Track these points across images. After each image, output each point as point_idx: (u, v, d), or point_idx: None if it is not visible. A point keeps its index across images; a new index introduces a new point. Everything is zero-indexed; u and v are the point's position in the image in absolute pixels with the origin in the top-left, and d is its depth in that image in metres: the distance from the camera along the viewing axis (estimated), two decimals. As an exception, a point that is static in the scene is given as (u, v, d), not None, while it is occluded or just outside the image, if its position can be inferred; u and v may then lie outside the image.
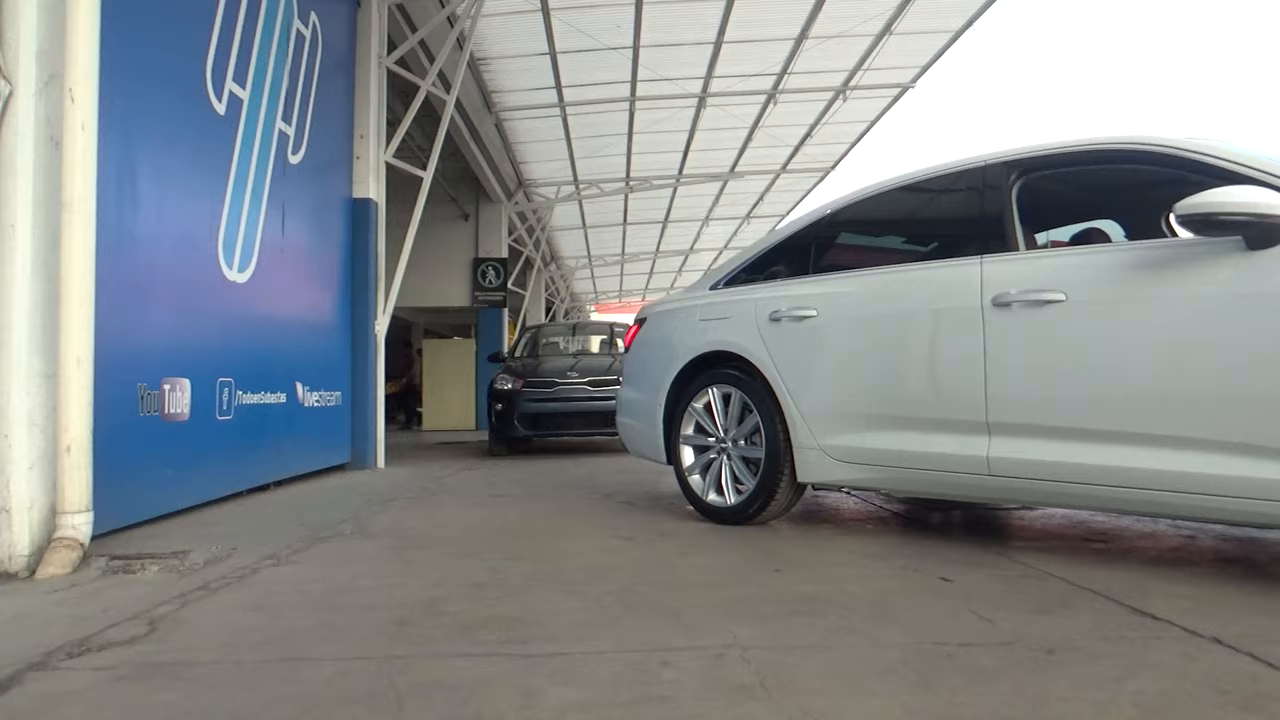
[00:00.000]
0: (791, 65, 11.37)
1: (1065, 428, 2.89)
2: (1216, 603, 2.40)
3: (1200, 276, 2.62)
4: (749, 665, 1.96)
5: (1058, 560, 3.03)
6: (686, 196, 17.94)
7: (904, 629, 2.22)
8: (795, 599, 2.57)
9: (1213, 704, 1.67)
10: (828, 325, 3.68)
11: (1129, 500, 2.80)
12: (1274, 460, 2.42)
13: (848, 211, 4.00)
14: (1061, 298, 2.91)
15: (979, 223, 3.32)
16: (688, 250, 23.90)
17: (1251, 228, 2.47)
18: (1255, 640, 2.03)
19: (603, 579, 2.91)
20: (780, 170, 16.07)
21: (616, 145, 14.16)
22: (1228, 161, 2.70)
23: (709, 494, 4.09)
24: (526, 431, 8.94)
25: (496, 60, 10.90)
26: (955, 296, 3.23)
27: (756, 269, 4.24)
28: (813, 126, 13.81)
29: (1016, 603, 2.47)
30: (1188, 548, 3.22)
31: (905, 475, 3.41)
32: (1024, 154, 3.30)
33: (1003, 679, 1.83)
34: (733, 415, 4.01)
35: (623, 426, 4.84)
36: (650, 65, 11.08)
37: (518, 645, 2.15)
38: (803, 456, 3.71)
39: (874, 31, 10.51)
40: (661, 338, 4.53)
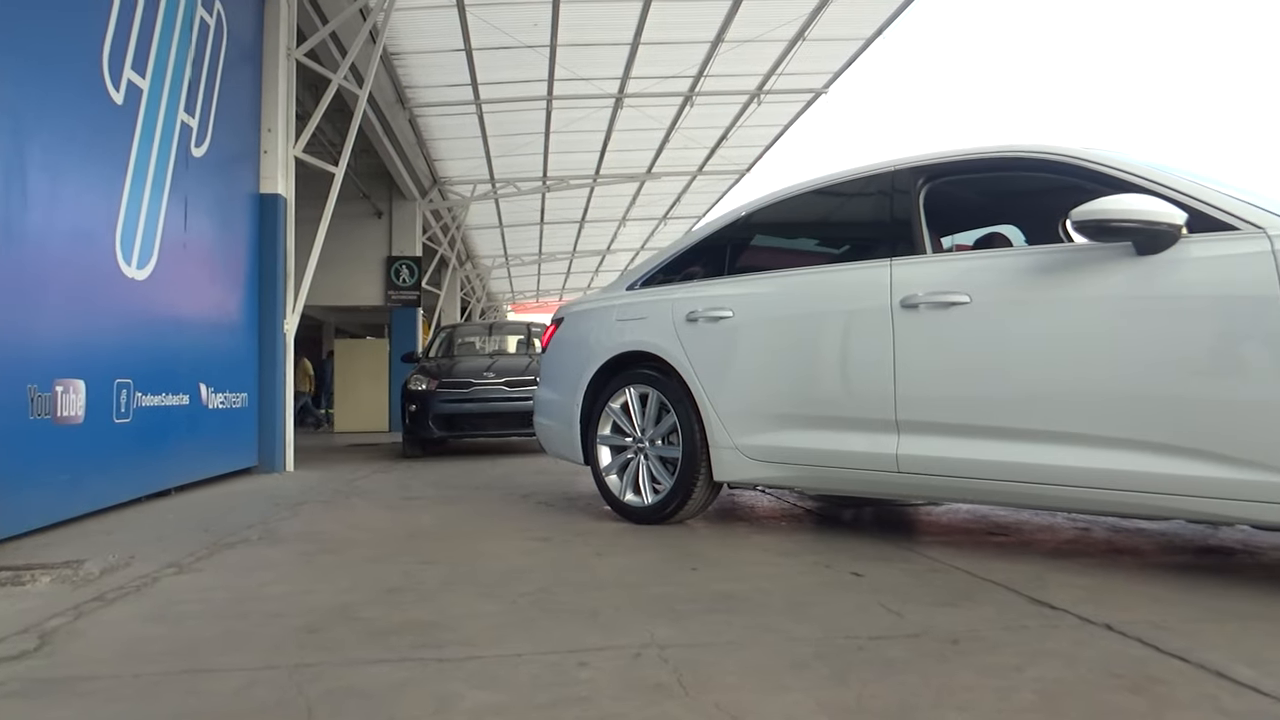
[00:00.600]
0: (708, 68, 11.48)
1: (969, 425, 2.98)
2: (1108, 591, 2.51)
3: (1094, 280, 2.74)
4: (666, 664, 1.97)
5: (963, 554, 3.13)
6: (604, 196, 17.94)
7: (817, 624, 2.27)
8: (712, 597, 2.60)
9: (1105, 688, 1.75)
10: (743, 326, 3.73)
11: (1029, 495, 2.91)
12: (1161, 455, 2.55)
13: (762, 214, 4.06)
14: (966, 300, 3.01)
15: (888, 226, 3.41)
16: (605, 250, 23.92)
17: (1140, 234, 2.60)
18: (1143, 626, 2.14)
19: (519, 581, 2.89)
20: (697, 172, 16.21)
21: (533, 144, 14.07)
22: (1120, 171, 2.83)
23: (626, 494, 4.10)
24: (441, 433, 8.82)
25: (411, 55, 10.72)
26: (866, 298, 3.30)
27: (673, 270, 4.26)
28: (728, 129, 13.97)
29: (924, 596, 2.54)
30: (1082, 540, 3.37)
31: (818, 473, 3.48)
32: (931, 160, 3.40)
33: (911, 670, 1.89)
34: (650, 415, 4.03)
35: (540, 427, 4.82)
36: (567, 64, 11.05)
37: (433, 650, 2.12)
38: (719, 456, 3.75)
39: (788, 37, 10.69)
40: (579, 338, 4.52)
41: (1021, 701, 1.69)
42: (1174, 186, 2.68)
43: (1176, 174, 2.75)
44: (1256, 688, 1.71)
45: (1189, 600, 2.41)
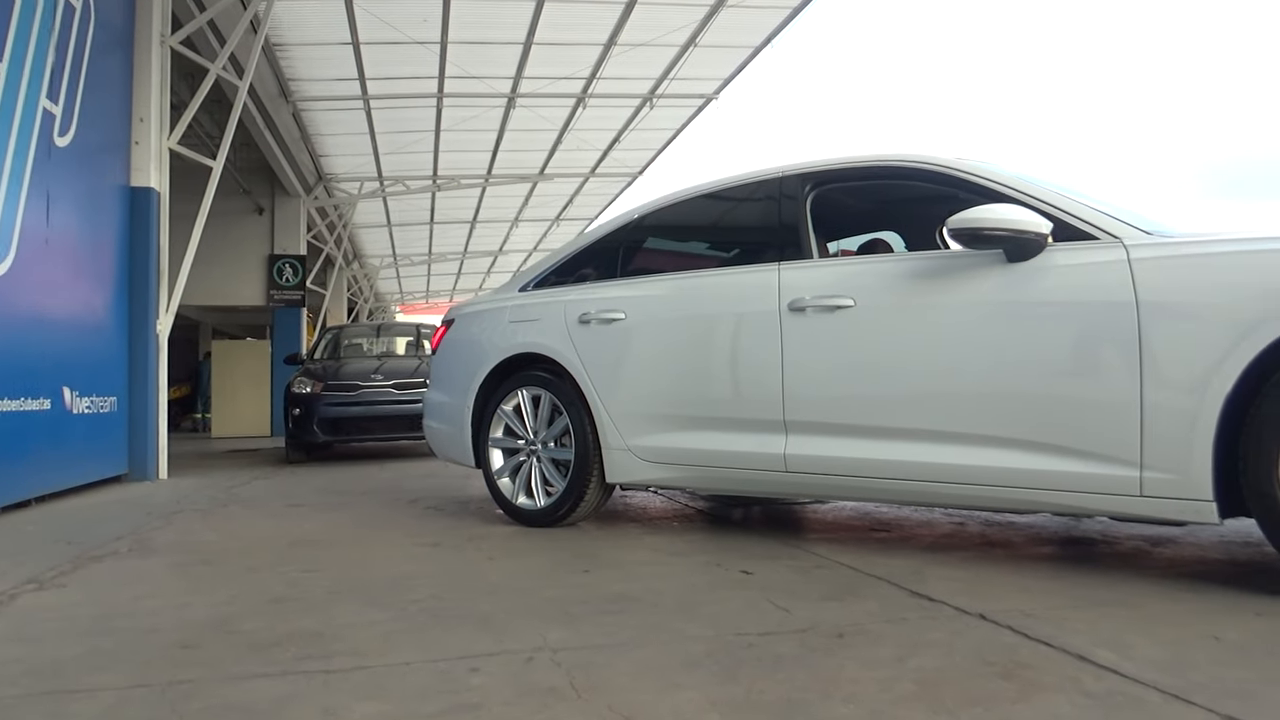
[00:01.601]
0: (601, 70, 11.51)
1: (854, 425, 3.08)
2: (982, 583, 2.63)
3: (969, 286, 2.87)
4: (559, 667, 1.97)
5: (847, 550, 3.23)
6: (496, 197, 17.76)
7: (708, 622, 2.30)
8: (604, 598, 2.60)
9: (979, 675, 1.83)
10: (635, 328, 3.75)
11: (909, 492, 3.03)
12: (1028, 451, 2.69)
13: (654, 217, 4.09)
14: (850, 303, 3.10)
15: (777, 231, 3.49)
16: (497, 251, 23.68)
17: (1010, 242, 2.73)
18: (1014, 615, 2.25)
19: (409, 588, 2.83)
20: (590, 174, 16.22)
21: (423, 142, 13.82)
22: (991, 181, 2.97)
23: (519, 497, 4.06)
24: (327, 437, 8.56)
25: (295, 47, 10.37)
26: (755, 301, 3.37)
27: (566, 271, 4.26)
28: (621, 132, 14.03)
29: (811, 592, 2.61)
30: (959, 534, 3.52)
31: (709, 474, 3.53)
32: (817, 167, 3.49)
33: (799, 665, 1.94)
34: (542, 417, 4.01)
35: (430, 430, 4.73)
36: (459, 62, 10.89)
37: (318, 661, 2.06)
38: (612, 457, 3.76)
39: (679, 42, 10.81)
40: (470, 339, 4.46)
41: (903, 691, 1.75)
42: (1040, 197, 2.83)
43: (1042, 185, 2.91)
44: (1115, 669, 1.82)
45: (1055, 589, 2.54)
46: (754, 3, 9.79)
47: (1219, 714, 1.57)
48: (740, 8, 9.87)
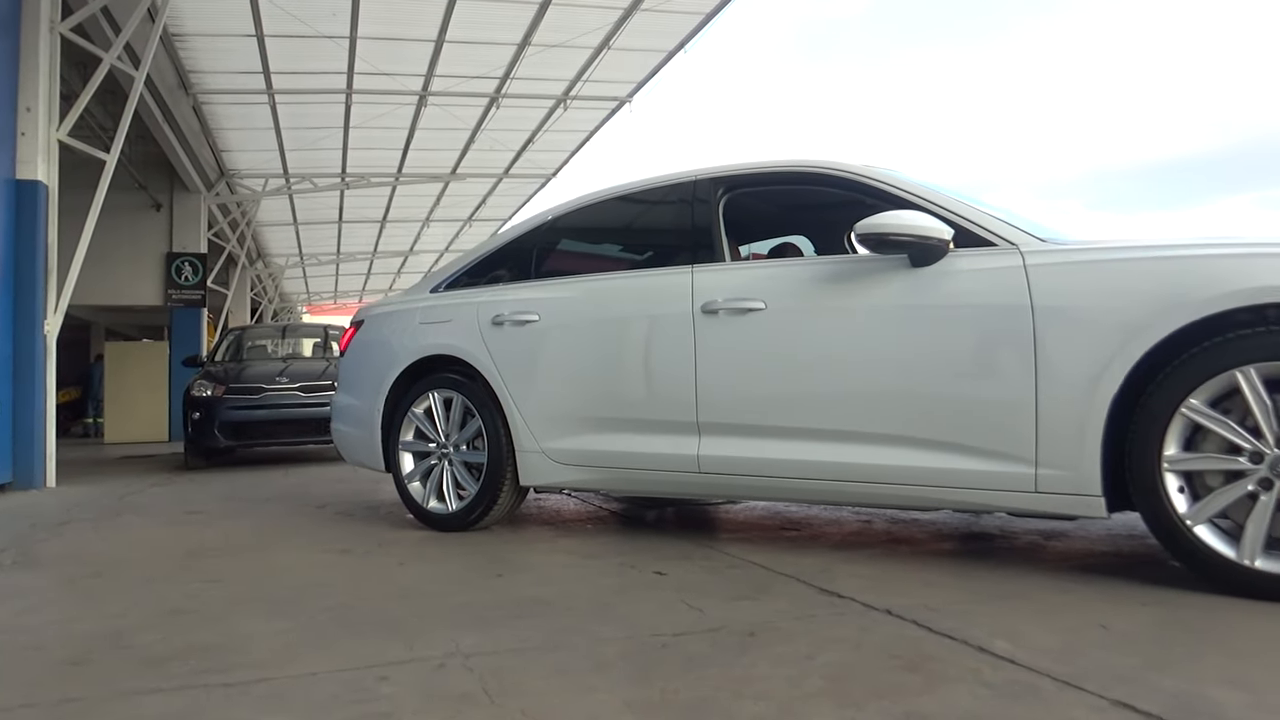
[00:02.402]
0: (514, 70, 11.43)
1: (765, 426, 3.13)
2: (888, 579, 2.71)
3: (875, 289, 2.94)
4: (472, 673, 1.94)
5: (759, 549, 3.28)
6: (406, 196, 17.47)
7: (622, 624, 2.31)
8: (518, 603, 2.58)
9: (886, 668, 1.88)
10: (549, 330, 3.74)
11: (818, 491, 3.09)
12: (932, 450, 2.78)
13: (568, 219, 4.08)
14: (762, 306, 3.15)
15: (690, 234, 3.52)
16: (408, 251, 23.28)
17: (915, 247, 2.82)
18: (919, 609, 2.32)
19: (316, 596, 2.76)
20: (503, 174, 16.09)
21: (332, 138, 13.50)
22: (896, 188, 3.05)
23: (430, 501, 4.00)
24: (229, 442, 8.28)
25: (196, 38, 10.01)
26: (669, 303, 3.39)
27: (479, 273, 4.21)
28: (535, 133, 13.96)
29: (723, 591, 2.64)
30: (865, 531, 3.61)
31: (623, 475, 3.54)
32: (729, 171, 3.54)
33: (711, 664, 1.95)
34: (454, 420, 3.95)
35: (338, 434, 4.62)
36: (369, 58, 10.67)
37: (218, 674, 1.99)
38: (525, 460, 3.73)
39: (593, 45, 10.82)
40: (380, 341, 4.38)
41: (812, 687, 1.78)
42: (943, 204, 2.93)
43: (945, 193, 3.01)
44: (1012, 659, 1.89)
45: (957, 584, 2.63)
46: (668, 7, 9.86)
47: (1107, 699, 1.65)
48: (654, 12, 9.93)
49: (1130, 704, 1.62)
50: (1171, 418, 2.37)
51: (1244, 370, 2.27)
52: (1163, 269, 2.47)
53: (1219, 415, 2.33)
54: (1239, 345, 2.30)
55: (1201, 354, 2.34)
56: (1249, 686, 1.69)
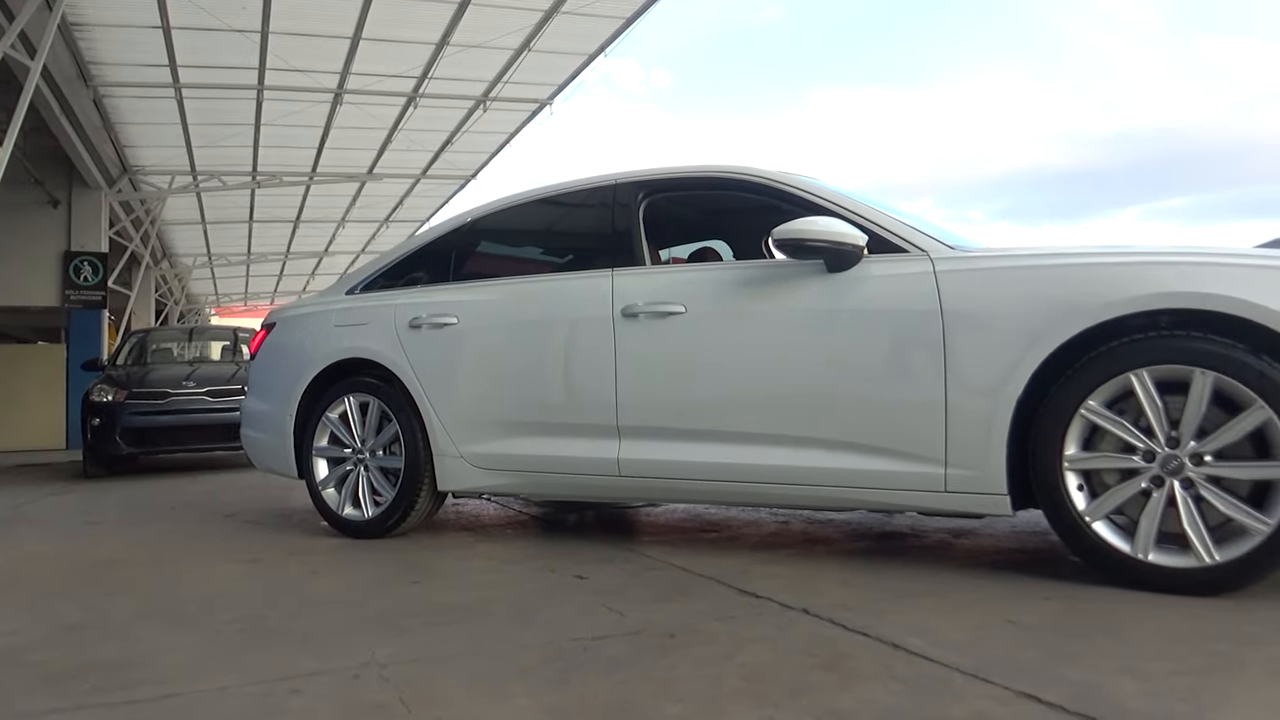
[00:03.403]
0: (433, 70, 11.28)
1: (685, 429, 3.15)
2: (805, 579, 2.75)
3: (792, 294, 2.99)
4: (388, 683, 1.91)
5: (678, 551, 3.30)
6: (321, 196, 17.07)
7: (542, 629, 2.29)
8: (436, 610, 2.55)
9: (803, 667, 1.91)
10: (468, 333, 3.69)
11: (737, 493, 3.13)
12: (847, 452, 2.83)
13: (488, 220, 4.04)
14: (681, 310, 3.17)
15: (610, 237, 3.53)
16: (322, 252, 22.74)
17: (830, 253, 2.87)
18: (835, 609, 2.36)
19: (224, 608, 2.67)
20: (421, 175, 15.86)
21: (242, 135, 13.10)
22: (812, 195, 3.11)
23: (345, 508, 3.91)
24: (131, 449, 7.95)
25: (97, 28, 9.59)
26: (589, 307, 3.39)
27: (396, 274, 4.14)
28: (454, 133, 13.81)
29: (643, 594, 2.64)
30: (783, 532, 3.67)
31: (543, 480, 3.52)
32: (649, 175, 3.56)
33: (632, 666, 1.96)
34: (370, 425, 3.87)
35: (248, 440, 4.48)
36: (282, 54, 10.40)
37: (120, 691, 1.91)
38: (443, 465, 3.68)
39: (514, 46, 10.76)
40: (293, 344, 4.26)
41: (731, 687, 1.80)
42: (857, 211, 2.99)
43: (859, 200, 3.07)
44: (924, 655, 1.94)
45: (871, 582, 2.69)
46: (588, 11, 9.87)
47: (1013, 690, 1.71)
48: (575, 15, 9.93)
49: (1035, 695, 1.68)
50: (1071, 419, 2.47)
51: (1137, 373, 2.38)
52: (1063, 276, 2.57)
53: (1115, 416, 2.44)
54: (1133, 349, 2.41)
55: (1099, 358, 2.45)
56: (1143, 675, 1.77)
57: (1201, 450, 2.34)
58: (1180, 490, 2.35)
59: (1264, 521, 2.24)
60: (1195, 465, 2.34)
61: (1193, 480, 2.34)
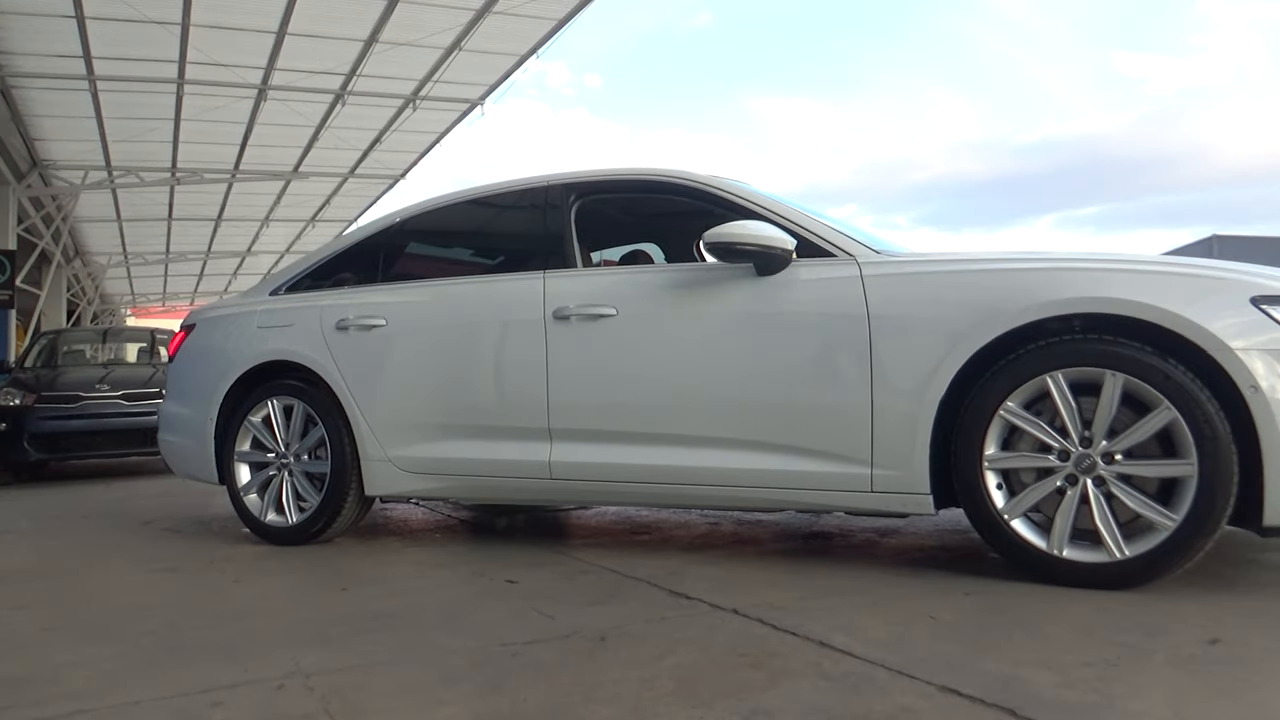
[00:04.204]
0: (361, 67, 11.11)
1: (616, 432, 3.16)
2: (735, 579, 2.78)
3: (723, 297, 3.02)
4: (313, 692, 1.87)
5: (610, 554, 3.30)
6: (245, 194, 16.65)
7: (472, 634, 2.27)
8: (363, 617, 2.50)
9: (733, 666, 1.93)
10: (397, 335, 3.64)
11: (668, 495, 3.15)
12: (776, 454, 2.87)
13: (418, 221, 3.99)
14: (613, 312, 3.18)
15: (542, 239, 3.52)
16: (245, 252, 22.18)
17: (760, 257, 2.91)
18: (764, 608, 2.39)
19: (140, 619, 2.58)
20: (349, 174, 15.59)
21: (161, 130, 12.71)
22: (743, 199, 3.15)
23: (268, 514, 3.82)
24: (41, 455, 7.63)
25: (6, 15, 9.20)
26: (520, 309, 3.37)
27: (322, 275, 4.06)
28: (383, 132, 13.61)
29: (574, 597, 2.64)
30: (713, 533, 3.70)
31: (474, 483, 3.49)
32: (582, 177, 3.55)
33: (563, 670, 1.95)
34: (295, 429, 3.79)
35: (166, 445, 4.35)
36: (203, 47, 10.12)
37: (28, 709, 1.83)
38: (371, 469, 3.62)
39: (444, 45, 10.65)
40: (214, 346, 4.15)
41: (662, 688, 1.81)
42: (787, 216, 3.04)
43: (788, 204, 3.12)
44: (850, 652, 1.98)
45: (799, 581, 2.73)
46: (520, 12, 9.82)
47: (935, 684, 1.76)
48: (507, 15, 9.87)
49: (955, 688, 1.73)
50: (991, 419, 2.55)
51: (1053, 375, 2.47)
52: (983, 281, 2.65)
53: (1032, 417, 2.52)
54: (1048, 352, 2.50)
55: (1017, 360, 2.53)
56: (1057, 666, 1.83)
57: (1113, 449, 2.43)
58: (1093, 488, 2.44)
59: (1170, 517, 2.34)
60: (1107, 464, 2.44)
61: (1104, 478, 2.43)
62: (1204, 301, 2.39)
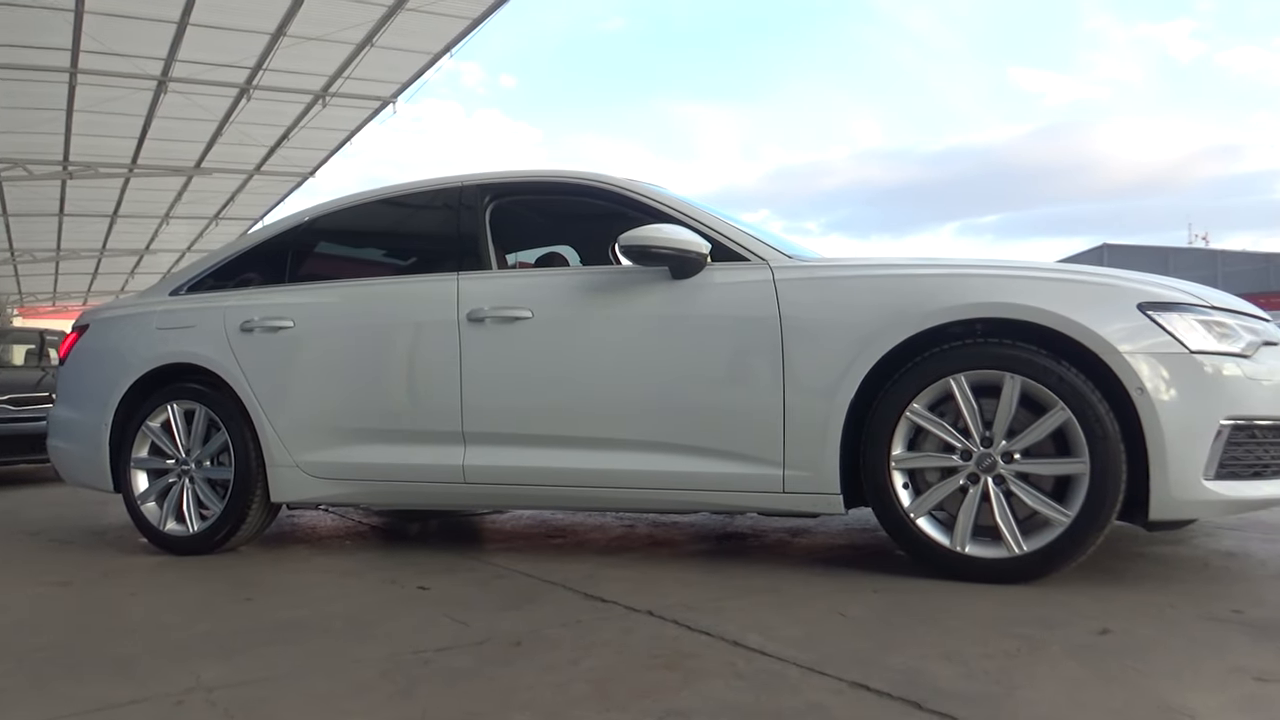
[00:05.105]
0: (268, 61, 10.79)
1: (531, 435, 3.14)
2: (650, 581, 2.79)
3: (638, 300, 3.04)
4: (215, 707, 1.80)
5: (525, 558, 3.28)
6: (143, 189, 16.01)
7: (383, 643, 2.23)
8: (268, 628, 2.43)
9: (648, 668, 1.94)
10: (305, 336, 3.55)
11: (583, 498, 3.15)
12: (690, 455, 2.90)
13: (328, 220, 3.90)
14: (528, 315, 3.16)
15: (456, 240, 3.47)
16: (143, 250, 21.34)
17: (675, 260, 2.94)
18: (678, 609, 2.41)
19: (29, 635, 2.46)
20: (254, 171, 15.14)
21: (52, 121, 12.12)
22: (658, 202, 3.17)
23: (168, 523, 3.67)
24: (-84, 463, 7.19)
25: (-126, -4, 8.65)
26: (433, 311, 3.33)
27: (226, 275, 3.93)
28: (291, 129, 13.26)
29: (489, 602, 2.62)
30: (629, 536, 3.71)
31: (386, 489, 3.42)
32: (497, 178, 3.53)
33: (476, 677, 1.93)
34: (197, 434, 3.65)
35: (56, 451, 4.14)
36: (98, 35, 9.68)
37: (-100, 733, 1.72)
38: (278, 475, 3.52)
39: (355, 40, 10.43)
40: (109, 348, 3.97)
41: (577, 692, 1.81)
42: (701, 220, 3.07)
43: (702, 209, 3.16)
44: (763, 651, 2.01)
45: (713, 582, 2.76)
46: (434, 9, 9.69)
47: (845, 680, 1.80)
48: (420, 12, 9.72)
49: (864, 684, 1.78)
50: (898, 421, 2.62)
51: (956, 378, 2.56)
52: (890, 286, 2.72)
53: (936, 418, 2.60)
54: (951, 355, 2.59)
55: (922, 363, 2.61)
56: (960, 660, 1.90)
57: (1011, 449, 2.53)
58: (993, 486, 2.53)
59: (1064, 514, 2.45)
60: (1006, 463, 2.53)
61: (1004, 477, 2.53)
62: (1095, 307, 2.51)
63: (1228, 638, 2.03)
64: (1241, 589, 2.50)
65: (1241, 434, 2.45)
